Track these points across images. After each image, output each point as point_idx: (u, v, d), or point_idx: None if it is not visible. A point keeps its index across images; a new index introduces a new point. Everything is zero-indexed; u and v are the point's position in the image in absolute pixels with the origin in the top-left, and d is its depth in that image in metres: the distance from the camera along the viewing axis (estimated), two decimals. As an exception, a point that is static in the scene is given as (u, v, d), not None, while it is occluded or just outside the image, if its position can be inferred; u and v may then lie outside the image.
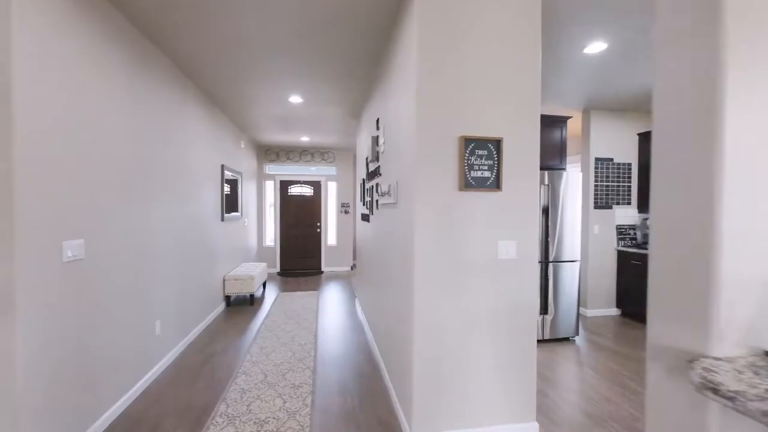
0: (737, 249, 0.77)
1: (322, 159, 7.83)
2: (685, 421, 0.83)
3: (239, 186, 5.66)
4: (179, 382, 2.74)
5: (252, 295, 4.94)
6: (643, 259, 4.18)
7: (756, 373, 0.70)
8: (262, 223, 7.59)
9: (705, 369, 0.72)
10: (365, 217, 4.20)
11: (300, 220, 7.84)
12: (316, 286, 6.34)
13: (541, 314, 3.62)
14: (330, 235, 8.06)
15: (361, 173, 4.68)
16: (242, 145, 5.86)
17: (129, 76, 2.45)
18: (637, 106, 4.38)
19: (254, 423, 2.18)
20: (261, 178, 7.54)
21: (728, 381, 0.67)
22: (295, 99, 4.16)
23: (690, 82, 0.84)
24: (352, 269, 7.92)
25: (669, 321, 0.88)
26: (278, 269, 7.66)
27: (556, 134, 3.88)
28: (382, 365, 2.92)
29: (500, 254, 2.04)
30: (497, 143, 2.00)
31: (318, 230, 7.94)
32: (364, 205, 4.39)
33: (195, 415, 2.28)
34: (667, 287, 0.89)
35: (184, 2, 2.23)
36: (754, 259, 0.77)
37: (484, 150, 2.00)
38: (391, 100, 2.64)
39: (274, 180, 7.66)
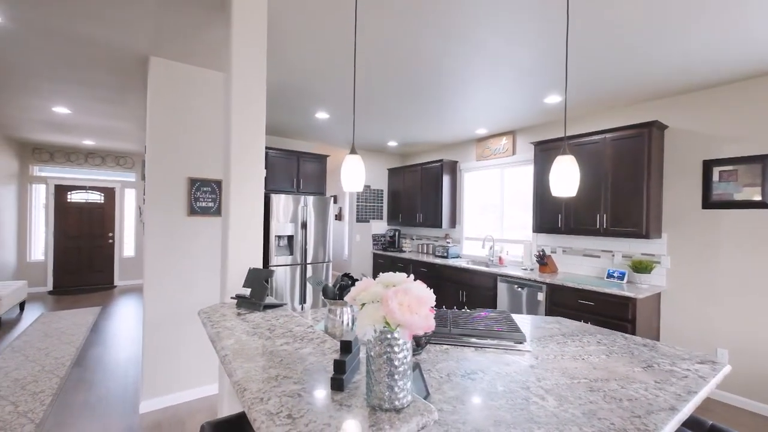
0: (234, 258, 1.78)
1: (117, 164, 7.26)
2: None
3: (-15, 192, 4.84)
4: None
5: (-1, 318, 4.38)
6: (385, 258, 5.86)
7: (230, 307, 1.68)
8: (27, 235, 6.45)
9: (206, 310, 1.67)
10: (145, 230, 4.44)
11: (85, 230, 7.02)
12: (101, 302, 5.91)
13: (300, 303, 4.70)
14: (127, 246, 7.49)
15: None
16: (-9, 145, 5.03)
17: None
18: (385, 150, 6.12)
19: (-27, 429, 2.33)
20: (26, 181, 6.42)
21: (212, 310, 1.62)
22: (61, 110, 4.06)
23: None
24: (153, 281, 7.56)
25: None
26: (50, 287, 6.65)
27: (318, 167, 5.11)
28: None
29: (221, 261, 2.87)
30: (218, 183, 2.84)
31: (111, 241, 7.28)
32: (146, 218, 4.60)
33: None
34: (224, 276, 1.85)
35: None
36: (238, 264, 1.79)
37: (209, 187, 2.80)
38: (149, 135, 3.16)
39: (47, 184, 6.64)
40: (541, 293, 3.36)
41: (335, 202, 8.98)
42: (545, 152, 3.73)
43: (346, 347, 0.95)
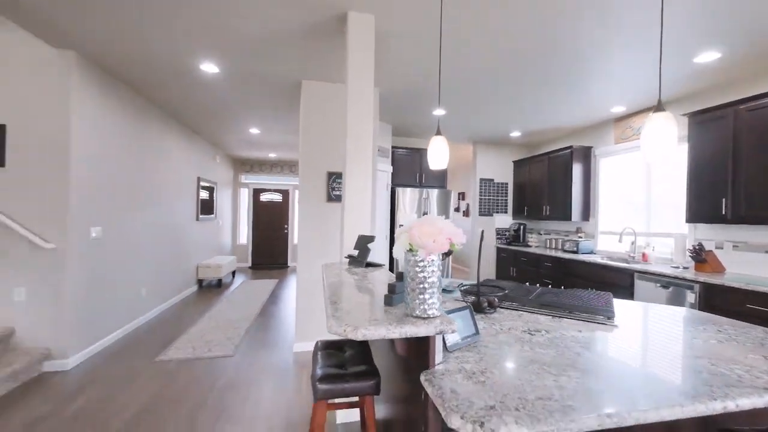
0: (348, 230, 2.25)
1: (290, 171, 9.27)
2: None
3: (215, 193, 7.05)
4: (156, 327, 4.12)
5: (220, 280, 6.31)
6: (508, 252, 5.68)
7: (343, 265, 2.16)
8: (237, 225, 8.96)
9: (327, 264, 2.18)
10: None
11: (270, 222, 9.24)
12: (279, 276, 7.73)
13: (422, 290, 5.08)
14: (296, 235, 9.47)
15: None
16: (217, 160, 7.27)
17: (130, 122, 3.87)
18: (508, 141, 5.93)
19: (203, 342, 3.59)
20: (236, 186, 8.93)
21: (331, 265, 2.13)
22: (254, 130, 5.61)
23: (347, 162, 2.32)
24: (312, 265, 9.31)
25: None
26: (250, 263, 9.03)
27: (439, 162, 5.39)
28: (298, 318, 4.35)
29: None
30: (348, 175, 3.48)
31: (286, 231, 9.35)
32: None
33: (165, 341, 3.67)
34: (342, 242, 2.36)
35: (173, 81, 3.66)
36: (351, 234, 2.25)
37: (341, 179, 3.47)
38: (303, 143, 4.11)
39: (248, 188, 9.06)
40: (692, 293, 2.76)
41: (463, 199, 9.08)
42: (703, 125, 3.03)
43: (399, 276, 1.24)
